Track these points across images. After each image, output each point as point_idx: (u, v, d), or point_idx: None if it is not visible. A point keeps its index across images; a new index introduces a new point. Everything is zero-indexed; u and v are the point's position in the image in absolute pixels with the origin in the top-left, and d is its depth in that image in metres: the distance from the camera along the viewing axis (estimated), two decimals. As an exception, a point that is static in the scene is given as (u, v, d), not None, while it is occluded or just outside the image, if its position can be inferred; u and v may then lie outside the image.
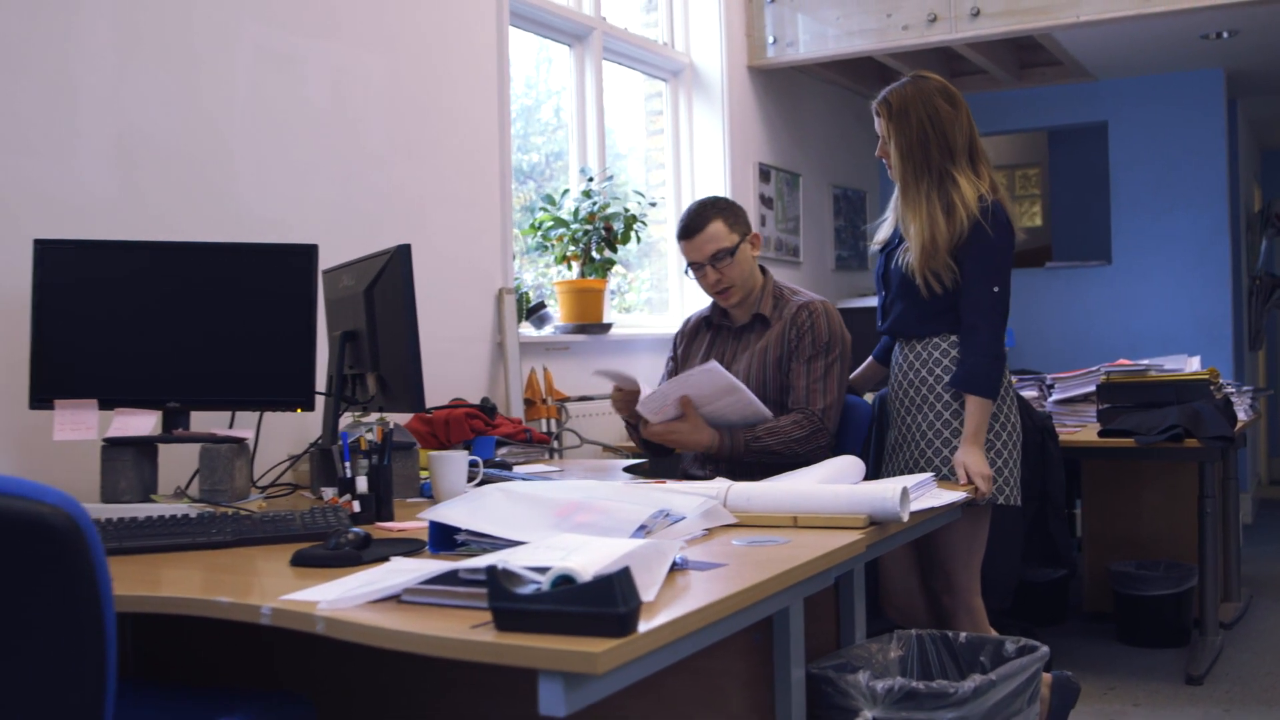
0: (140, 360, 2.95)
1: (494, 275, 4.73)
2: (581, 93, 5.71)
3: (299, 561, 2.24)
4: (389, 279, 3.11)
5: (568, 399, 4.95)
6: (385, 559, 2.22)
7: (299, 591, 1.96)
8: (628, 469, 3.72)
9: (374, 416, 3.42)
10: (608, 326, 5.27)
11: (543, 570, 1.71)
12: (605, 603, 1.61)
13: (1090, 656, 5.07)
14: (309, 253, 3.01)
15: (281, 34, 3.85)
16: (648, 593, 1.78)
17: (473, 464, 3.14)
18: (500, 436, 3.95)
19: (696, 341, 3.84)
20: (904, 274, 3.47)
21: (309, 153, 3.92)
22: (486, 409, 4.06)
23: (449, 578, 1.84)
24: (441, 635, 1.68)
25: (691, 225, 3.63)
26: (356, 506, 2.73)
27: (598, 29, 5.74)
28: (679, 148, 6.49)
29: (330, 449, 3.13)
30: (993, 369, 3.34)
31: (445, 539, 2.30)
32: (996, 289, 3.35)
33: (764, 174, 6.81)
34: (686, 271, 3.73)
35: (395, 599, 1.88)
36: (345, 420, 3.28)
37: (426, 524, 2.56)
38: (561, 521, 2.29)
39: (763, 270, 3.75)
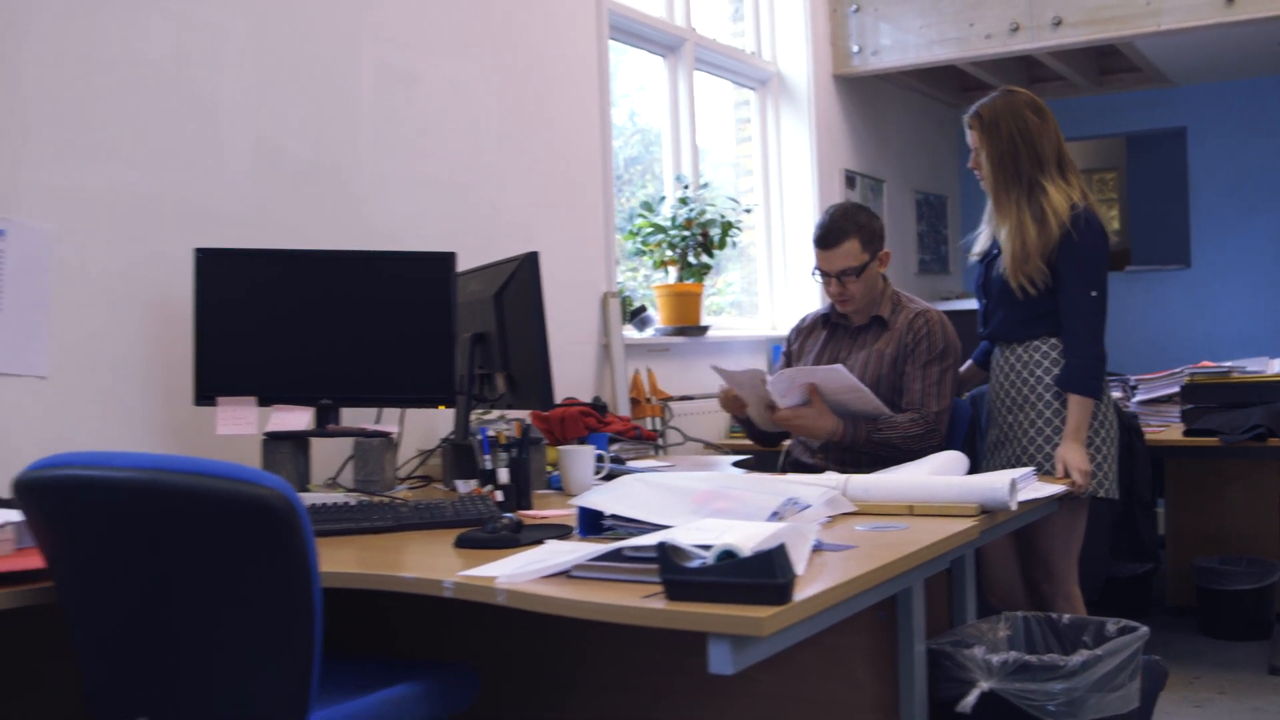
0: (295, 360, 3.17)
1: (599, 280, 4.94)
2: (675, 102, 5.91)
3: (462, 543, 2.46)
4: (518, 284, 3.32)
5: (670, 398, 5.15)
6: (540, 542, 2.42)
7: (473, 569, 2.17)
8: (736, 464, 3.93)
9: (493, 414, 3.65)
10: (705, 329, 5.46)
11: (706, 547, 1.91)
12: (766, 574, 1.81)
13: (1175, 648, 5.20)
14: (447, 260, 3.23)
15: (401, 53, 4.07)
16: (798, 567, 1.98)
17: (599, 458, 3.34)
18: (612, 433, 4.16)
19: (811, 338, 4.03)
20: (1002, 282, 3.64)
21: (426, 165, 4.15)
22: (598, 407, 4.28)
23: (615, 555, 2.05)
24: (618, 604, 1.88)
25: (828, 238, 3.82)
26: (499, 496, 2.94)
27: (689, 40, 5.94)
28: (767, 154, 6.68)
29: (463, 443, 3.35)
30: (1094, 369, 3.51)
31: (593, 524, 2.50)
32: (1094, 293, 3.52)
33: (849, 180, 6.98)
34: (814, 273, 3.89)
35: (565, 575, 2.09)
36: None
37: (563, 511, 2.79)
38: (700, 508, 2.48)
39: (883, 278, 3.93)
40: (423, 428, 3.87)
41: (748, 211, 5.92)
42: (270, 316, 3.17)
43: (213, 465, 1.93)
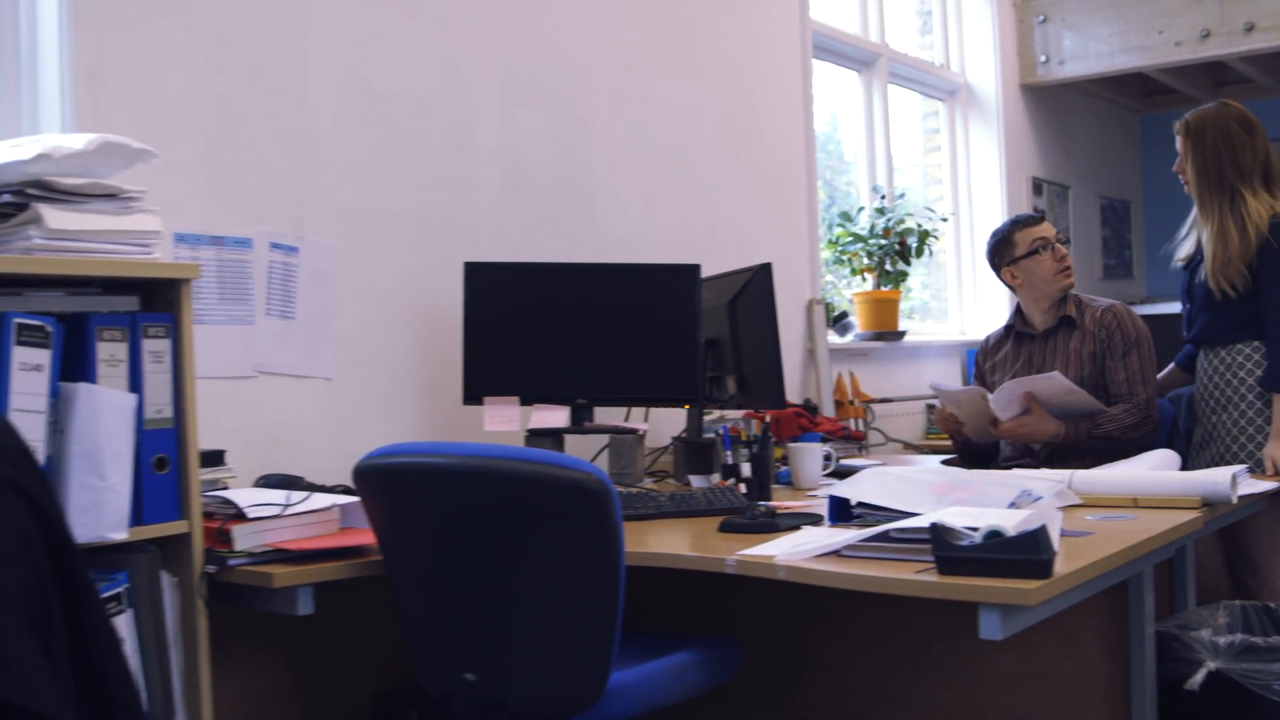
0: (553, 363, 3.47)
1: (804, 287, 5.18)
2: (869, 115, 6.13)
3: (726, 528, 2.72)
4: (752, 292, 3.58)
5: (871, 400, 5.37)
6: (797, 528, 2.68)
7: (748, 549, 2.43)
8: (944, 463, 4.13)
9: (713, 414, 3.91)
10: (902, 334, 5.67)
11: (972, 529, 2.14)
12: (1032, 550, 2.04)
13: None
14: (693, 272, 3.50)
15: (630, 78, 4.37)
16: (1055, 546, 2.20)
17: (827, 456, 3.58)
18: (823, 433, 4.39)
19: (1000, 354, 4.21)
20: (1205, 287, 3.80)
21: (652, 181, 4.43)
22: (809, 409, 4.51)
23: (883, 536, 2.29)
24: (894, 577, 2.13)
25: (1035, 215, 4.08)
26: (743, 488, 3.20)
27: (883, 55, 6.14)
28: (955, 164, 6.85)
29: (696, 441, 3.61)
30: None
31: (842, 511, 2.74)
32: None
33: (1036, 187, 7.11)
34: (1027, 256, 4.04)
35: (836, 554, 2.34)
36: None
37: (799, 502, 3.04)
38: (943, 498, 2.70)
39: None
40: (650, 427, 4.15)
41: (944, 220, 6.11)
42: (531, 323, 3.47)
43: (535, 453, 2.23)
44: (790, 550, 2.38)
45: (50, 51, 2.91)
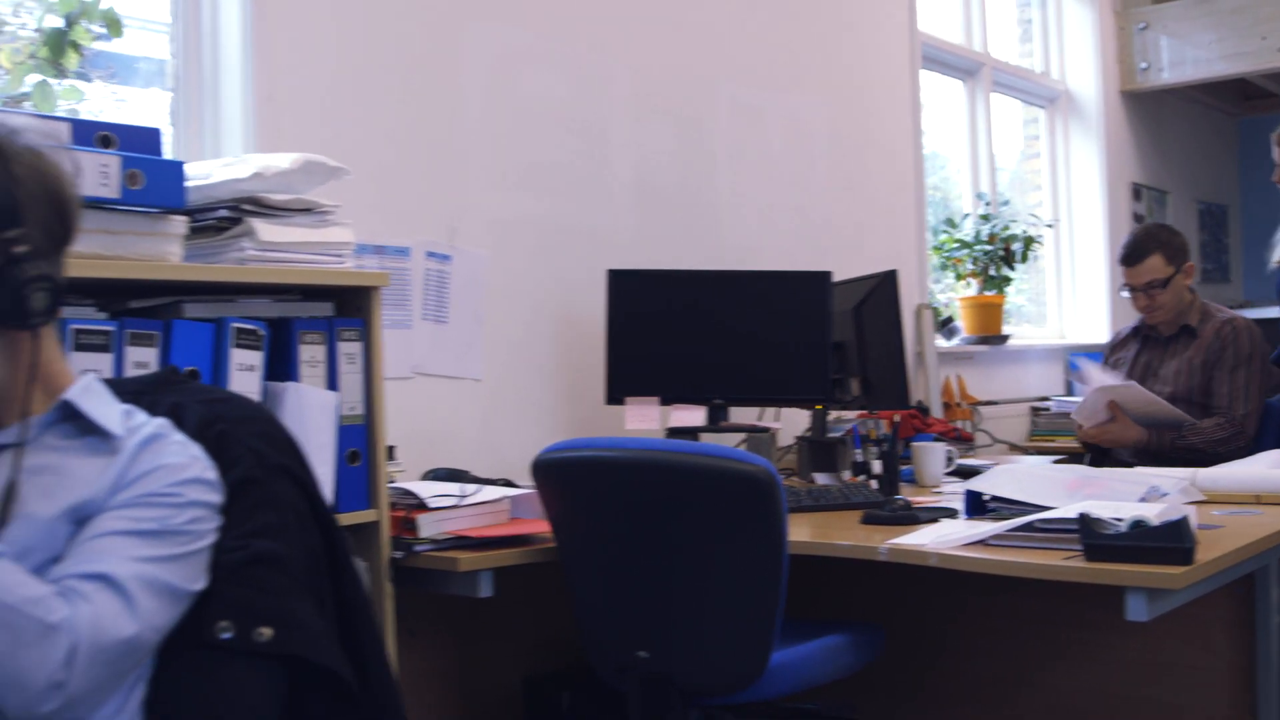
0: (691, 365, 3.64)
1: (913, 293, 5.33)
2: (973, 123, 6.26)
3: (868, 520, 2.89)
4: (878, 298, 3.75)
5: (978, 402, 5.51)
6: (935, 520, 2.84)
7: (896, 538, 2.60)
8: (1056, 462, 4.27)
9: (831, 415, 4.06)
10: (1005, 338, 5.80)
11: (1117, 519, 2.30)
12: (1175, 539, 2.19)
13: None
14: (824, 278, 3.66)
15: (749, 90, 4.54)
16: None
17: (949, 455, 3.73)
18: (935, 434, 4.54)
19: (1124, 349, 4.35)
20: None
21: (769, 189, 4.61)
22: (923, 410, 4.66)
23: (1028, 526, 2.45)
24: (1045, 563, 2.29)
25: (1132, 255, 4.14)
26: (874, 484, 3.36)
27: (987, 64, 6.27)
28: (1055, 170, 6.96)
29: (821, 440, 3.77)
30: None
31: (977, 505, 2.89)
32: None
33: (1135, 193, 7.20)
34: (1122, 291, 4.22)
35: (982, 543, 2.49)
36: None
37: (926, 498, 3.19)
38: (1074, 493, 2.84)
39: (1190, 290, 4.23)
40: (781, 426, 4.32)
41: (1049, 226, 6.23)
42: (670, 327, 3.65)
43: (708, 447, 2.42)
44: (940, 539, 2.54)
45: (233, 76, 3.14)
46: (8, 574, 1.38)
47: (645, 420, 3.56)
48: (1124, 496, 2.79)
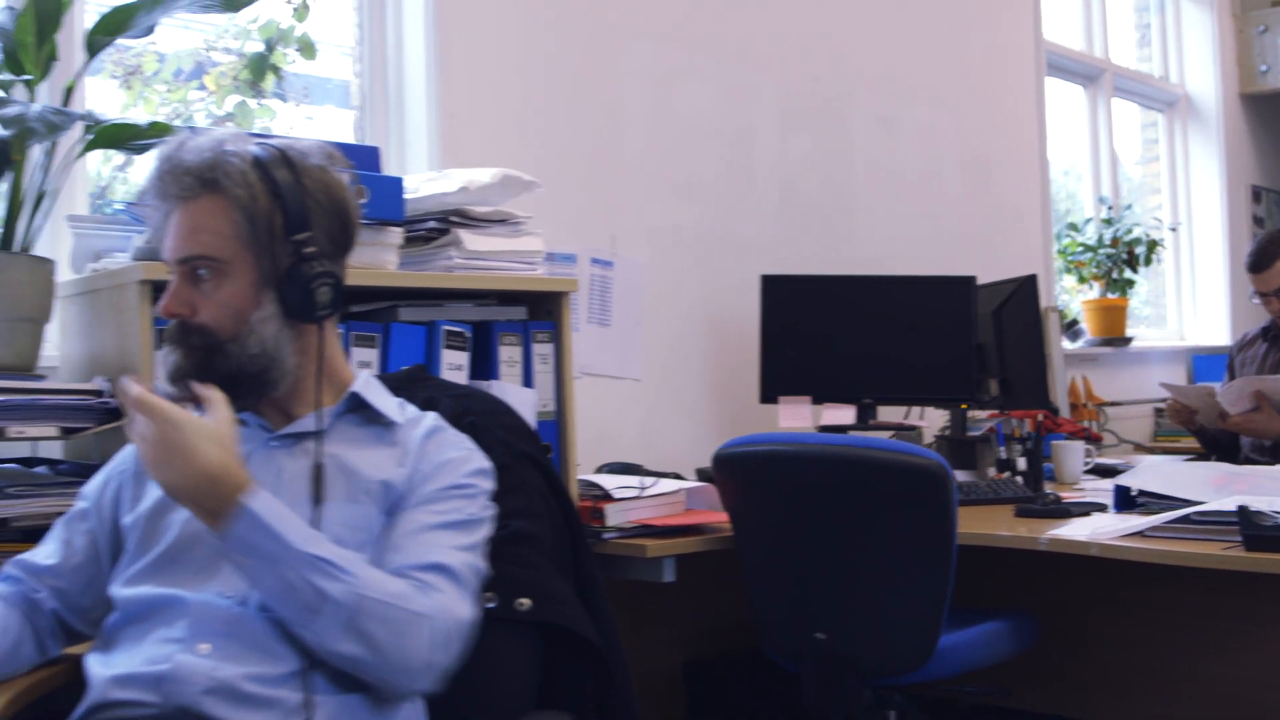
0: (841, 365, 3.80)
1: (1040, 295, 5.44)
2: (1094, 128, 6.36)
3: (1022, 514, 3.04)
4: (1018, 301, 3.88)
5: (1104, 403, 5.61)
6: (1087, 513, 2.98)
7: (1052, 531, 2.75)
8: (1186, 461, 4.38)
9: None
10: (1129, 340, 5.90)
11: (1276, 511, 2.43)
12: (1333, 531, 2.32)
13: None
14: (969, 283, 3.80)
15: (884, 101, 4.70)
16: (1347, 530, 2.48)
17: (1087, 452, 3.87)
18: (1066, 434, 4.66)
19: (1250, 351, 4.45)
20: None
21: (902, 197, 4.76)
22: (1053, 410, 4.78)
23: (1184, 519, 2.59)
24: (1206, 553, 2.43)
25: (1259, 262, 4.24)
26: (1020, 480, 3.51)
27: (1108, 70, 6.37)
28: (1174, 173, 7.02)
29: (959, 439, 3.91)
30: None
31: (1126, 500, 3.02)
32: None
33: (1255, 195, 7.24)
34: (1253, 298, 4.32)
35: (1139, 534, 2.63)
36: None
37: (1072, 494, 3.33)
38: (1221, 489, 2.97)
39: None
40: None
41: (1173, 230, 6.31)
42: (821, 330, 3.81)
43: (883, 442, 2.60)
44: (1097, 531, 2.68)
45: (418, 94, 3.36)
46: (371, 574, 1.58)
47: (798, 418, 3.72)
48: (1271, 492, 2.91)
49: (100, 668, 1.59)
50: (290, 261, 1.69)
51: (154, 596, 1.61)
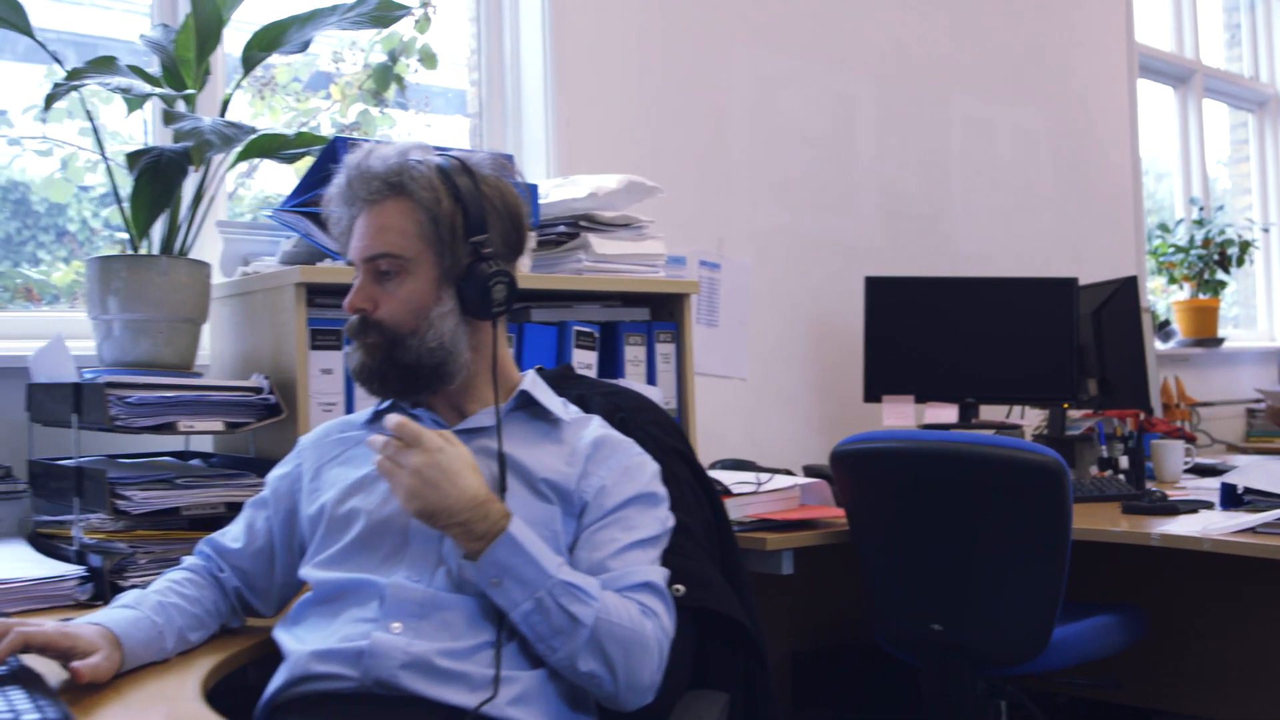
0: (944, 365, 3.87)
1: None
2: (1184, 129, 6.38)
3: (1130, 510, 3.10)
4: (1118, 302, 3.93)
5: (1196, 403, 5.64)
6: (1195, 510, 3.04)
7: (1162, 526, 2.81)
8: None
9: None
10: (1220, 340, 5.92)
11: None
12: None
13: None
14: (1070, 284, 3.86)
15: (980, 104, 4.77)
16: None
17: (1186, 451, 3.92)
18: (1160, 433, 4.70)
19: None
20: None
21: (998, 198, 4.83)
22: (1148, 409, 4.82)
23: (1293, 517, 2.65)
24: (1319, 548, 2.49)
25: None
26: (1123, 478, 3.57)
27: (1199, 71, 6.38)
28: (1265, 173, 7.01)
29: (1059, 437, 3.96)
30: None
31: (1233, 498, 3.08)
32: None
33: (1346, 195, 7.22)
34: None
35: (1250, 530, 2.69)
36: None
37: (1173, 492, 3.38)
38: (1329, 486, 3.03)
39: None
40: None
41: (1265, 231, 6.32)
42: (923, 330, 3.89)
43: (999, 439, 2.68)
44: (1207, 527, 2.75)
45: (535, 103, 3.48)
46: (610, 599, 1.68)
47: (901, 417, 3.80)
48: (1377, 491, 2.97)
49: (295, 643, 1.71)
50: (469, 260, 1.80)
51: (346, 580, 1.73)
